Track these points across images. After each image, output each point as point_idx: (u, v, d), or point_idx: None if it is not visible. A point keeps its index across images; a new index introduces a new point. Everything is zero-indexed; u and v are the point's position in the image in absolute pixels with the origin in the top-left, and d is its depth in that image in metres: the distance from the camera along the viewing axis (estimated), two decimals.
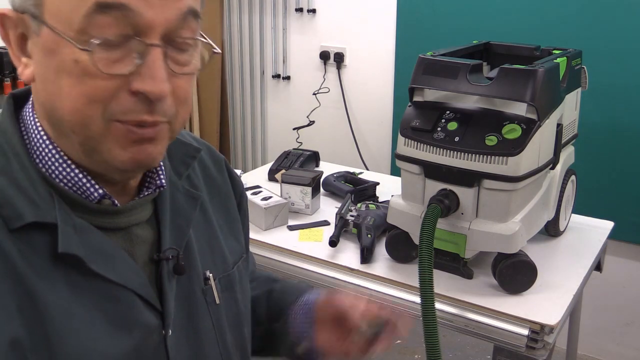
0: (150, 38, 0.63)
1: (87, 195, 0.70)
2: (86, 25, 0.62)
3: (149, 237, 0.77)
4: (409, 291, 1.39)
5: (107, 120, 0.65)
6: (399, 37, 2.75)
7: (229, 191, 0.93)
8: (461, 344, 2.59)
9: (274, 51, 3.13)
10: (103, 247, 0.70)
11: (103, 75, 0.63)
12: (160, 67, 0.64)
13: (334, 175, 1.95)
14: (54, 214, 0.67)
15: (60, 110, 0.65)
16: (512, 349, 1.28)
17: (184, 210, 0.81)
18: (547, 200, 1.48)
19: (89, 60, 0.62)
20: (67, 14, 0.62)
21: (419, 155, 1.35)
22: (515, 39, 1.75)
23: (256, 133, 3.34)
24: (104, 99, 0.64)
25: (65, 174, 0.70)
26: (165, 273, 0.76)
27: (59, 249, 0.66)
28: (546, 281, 1.39)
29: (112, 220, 0.73)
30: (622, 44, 2.23)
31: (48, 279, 0.65)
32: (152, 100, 0.64)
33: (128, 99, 0.64)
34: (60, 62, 0.64)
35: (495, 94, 1.31)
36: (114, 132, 0.65)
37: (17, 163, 0.68)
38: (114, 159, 0.67)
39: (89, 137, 0.66)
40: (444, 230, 1.36)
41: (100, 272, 0.68)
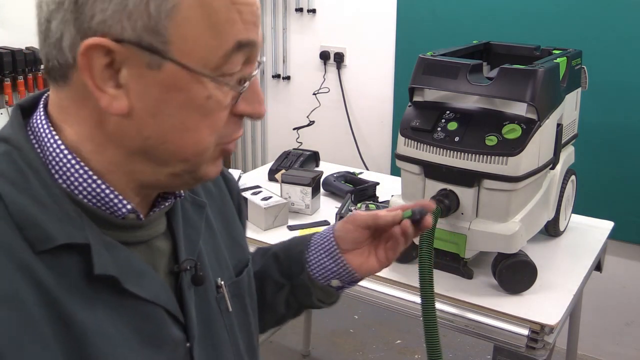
0: (255, 64, 0.68)
1: (113, 211, 0.68)
2: (223, 63, 0.64)
3: (167, 249, 0.76)
4: (409, 291, 1.39)
5: (218, 145, 0.68)
6: (399, 37, 2.75)
7: (224, 195, 0.92)
8: (461, 344, 2.59)
9: (274, 51, 3.13)
10: (132, 264, 0.68)
11: (226, 106, 0.66)
12: (260, 89, 0.70)
13: (334, 175, 1.95)
14: (84, 233, 0.64)
15: (179, 143, 0.65)
16: (512, 349, 1.28)
17: (193, 220, 0.80)
18: (547, 200, 1.48)
19: (222, 94, 0.65)
20: (203, 53, 0.62)
21: (419, 155, 1.35)
22: (515, 39, 1.76)
23: (256, 133, 3.34)
24: (221, 128, 0.67)
25: (91, 189, 0.66)
26: (185, 284, 0.75)
27: (96, 270, 0.63)
28: (546, 281, 1.39)
29: (135, 235, 0.71)
30: (622, 44, 2.23)
31: (83, 301, 0.63)
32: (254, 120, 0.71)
33: (234, 121, 0.68)
34: (189, 98, 0.63)
35: (495, 94, 1.31)
36: (217, 153, 0.70)
37: (37, 180, 0.64)
38: (207, 175, 0.71)
39: (199, 163, 0.68)
40: (444, 230, 1.36)
41: (133, 290, 0.67)
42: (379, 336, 2.72)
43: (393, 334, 2.72)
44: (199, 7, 0.61)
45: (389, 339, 2.69)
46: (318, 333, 2.69)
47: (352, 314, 2.83)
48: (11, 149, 0.65)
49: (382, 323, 2.78)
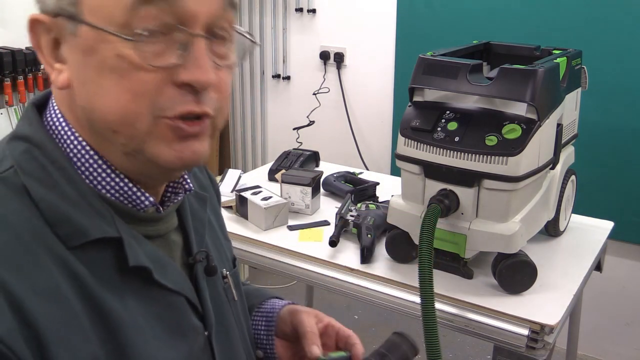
0: (194, 28, 0.62)
1: (136, 205, 0.69)
2: (129, 18, 0.60)
3: (180, 241, 0.77)
4: (409, 291, 1.39)
5: (155, 117, 0.63)
6: (399, 37, 2.75)
7: (211, 189, 0.94)
8: (461, 344, 2.59)
9: (274, 51, 3.14)
10: (156, 255, 0.70)
11: (148, 68, 0.61)
12: (204, 56, 0.63)
13: (334, 175, 1.95)
14: (114, 227, 0.65)
15: (102, 109, 0.63)
16: (512, 349, 1.28)
17: (198, 213, 0.82)
18: (547, 200, 1.48)
19: (135, 52, 0.60)
20: (108, 8, 0.60)
21: (419, 155, 1.35)
22: (515, 39, 1.75)
23: (256, 133, 3.34)
24: (150, 94, 0.62)
25: (114, 184, 0.67)
26: (200, 275, 0.77)
27: (130, 262, 0.65)
28: (546, 281, 1.39)
29: (154, 228, 0.72)
30: (622, 44, 2.23)
31: (116, 293, 0.64)
32: (198, 90, 0.63)
33: (174, 91, 0.63)
34: (102, 60, 0.62)
35: (495, 94, 1.31)
36: (161, 130, 0.64)
37: (62, 177, 0.65)
38: (159, 158, 0.65)
39: (134, 136, 0.63)
40: (444, 230, 1.36)
41: (162, 281, 0.69)
42: (379, 336, 2.71)
43: None
44: None
45: None
46: None
47: (352, 314, 2.83)
48: (32, 147, 0.66)
49: (382, 323, 2.78)
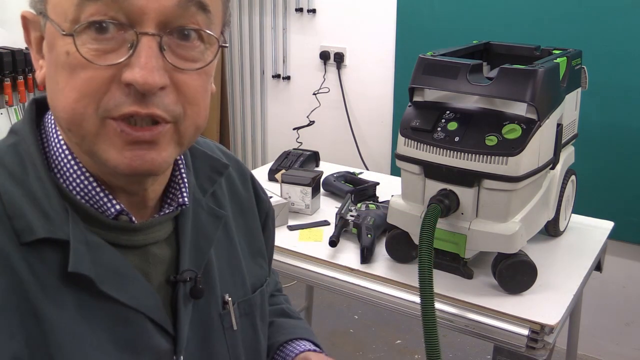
0: (143, 26, 0.60)
1: (104, 211, 0.68)
2: (78, 14, 0.59)
3: (167, 256, 0.73)
4: (409, 291, 1.39)
5: (101, 118, 0.61)
6: (399, 37, 2.75)
7: (253, 209, 0.89)
8: (461, 344, 2.59)
9: (274, 51, 3.14)
10: (116, 267, 0.67)
11: (94, 67, 0.60)
12: (150, 55, 0.60)
13: (334, 175, 1.95)
14: (67, 230, 0.64)
15: (57, 107, 0.63)
16: (512, 349, 1.28)
17: (207, 230, 0.77)
18: (547, 200, 1.48)
19: (81, 49, 0.59)
20: (62, 6, 0.60)
21: (419, 155, 1.35)
22: (515, 39, 1.76)
23: (256, 133, 3.34)
24: (96, 93, 0.60)
25: (83, 186, 0.67)
26: (181, 296, 0.73)
27: (69, 268, 0.63)
28: (546, 281, 1.39)
29: (128, 238, 0.69)
30: (622, 44, 2.23)
31: (55, 297, 0.63)
32: (141, 92, 0.60)
33: (120, 92, 0.61)
34: (56, 56, 0.62)
35: (495, 94, 1.31)
36: (108, 132, 0.62)
37: (33, 173, 0.65)
38: (109, 162, 0.63)
39: (84, 137, 0.63)
40: (444, 230, 1.36)
41: (111, 293, 0.65)
42: (379, 336, 2.72)
43: (393, 334, 2.72)
44: None
45: (389, 339, 2.69)
46: (318, 333, 2.68)
47: (352, 314, 2.83)
48: (19, 141, 0.68)
49: (382, 323, 2.78)
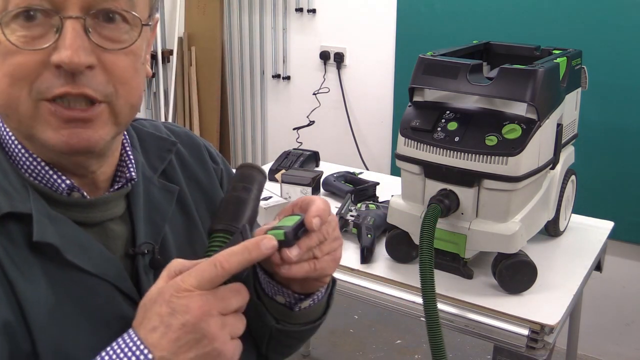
0: (67, 11, 0.63)
1: (56, 188, 0.71)
2: (5, 4, 0.63)
3: (124, 232, 0.76)
4: (409, 291, 1.39)
5: (35, 101, 0.65)
6: (399, 37, 2.75)
7: (212, 179, 0.91)
8: (461, 344, 2.59)
9: (274, 51, 3.14)
10: (79, 238, 0.70)
11: (24, 52, 0.63)
12: (74, 37, 0.63)
13: (334, 175, 1.95)
14: (29, 205, 0.67)
15: None
16: (512, 349, 1.28)
17: (160, 205, 0.81)
18: (547, 200, 1.48)
19: (9, 36, 0.63)
20: None
21: (419, 155, 1.35)
22: (515, 39, 1.76)
23: (256, 133, 3.34)
24: (27, 78, 0.64)
25: (33, 167, 0.70)
26: (141, 267, 0.75)
27: (34, 237, 0.66)
28: (546, 281, 1.39)
29: (85, 215, 0.73)
30: (622, 44, 2.23)
31: (25, 270, 0.65)
32: (70, 72, 0.63)
33: (51, 74, 0.64)
34: None
35: (495, 94, 1.31)
36: (43, 113, 0.65)
37: None
38: (48, 142, 0.66)
39: (20, 121, 0.66)
40: (444, 230, 1.36)
41: (76, 262, 0.68)
42: (379, 336, 2.72)
43: (393, 334, 2.72)
44: None
45: (389, 339, 2.69)
46: (318, 333, 2.66)
47: (352, 314, 2.83)
48: None
49: (382, 323, 2.78)
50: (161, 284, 0.64)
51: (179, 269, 0.64)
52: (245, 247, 0.63)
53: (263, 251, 0.64)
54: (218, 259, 0.62)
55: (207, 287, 0.61)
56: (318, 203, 0.73)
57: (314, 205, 0.72)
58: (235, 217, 0.73)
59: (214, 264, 0.62)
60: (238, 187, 0.77)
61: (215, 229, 0.73)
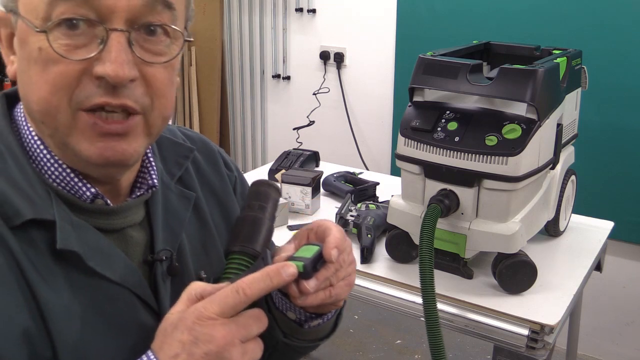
0: (113, 23, 0.63)
1: (80, 195, 0.71)
2: (50, 12, 0.63)
3: (143, 239, 0.76)
4: (409, 291, 1.39)
5: (74, 110, 0.65)
6: (399, 37, 2.75)
7: (225, 186, 0.91)
8: (461, 344, 2.59)
9: (274, 51, 3.13)
10: (100, 245, 0.70)
11: (66, 61, 0.63)
12: (120, 50, 0.63)
13: (334, 175, 1.95)
14: (52, 211, 0.67)
15: (30, 100, 0.66)
16: (512, 349, 1.28)
17: (177, 212, 0.81)
18: (547, 200, 1.48)
19: (54, 45, 0.63)
20: (34, 4, 0.63)
21: (419, 155, 1.35)
22: (515, 39, 1.76)
23: (256, 133, 3.34)
24: (68, 86, 0.64)
25: (58, 173, 0.70)
26: (159, 274, 0.75)
27: (58, 245, 0.65)
28: (546, 281, 1.39)
29: (107, 222, 0.72)
30: (622, 44, 2.23)
31: (48, 276, 0.65)
32: (112, 84, 0.64)
33: (92, 84, 0.64)
34: (29, 52, 0.65)
35: (495, 94, 1.31)
36: (81, 124, 0.65)
37: (13, 163, 0.68)
38: (82, 154, 0.67)
39: (57, 129, 0.66)
40: (444, 230, 1.36)
41: (98, 269, 0.68)
42: (379, 336, 2.72)
43: (393, 334, 2.72)
44: None
45: (389, 339, 2.69)
46: None
47: (352, 314, 2.83)
48: None
49: (382, 323, 2.78)
50: (181, 307, 0.63)
51: (199, 292, 0.64)
52: (267, 274, 0.64)
53: (284, 278, 0.65)
54: (241, 286, 0.62)
55: (230, 314, 0.61)
56: (335, 232, 0.73)
57: (331, 236, 0.73)
58: (252, 238, 0.73)
59: (236, 291, 0.62)
60: (254, 205, 0.77)
61: (232, 250, 0.73)
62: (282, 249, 0.77)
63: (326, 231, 0.74)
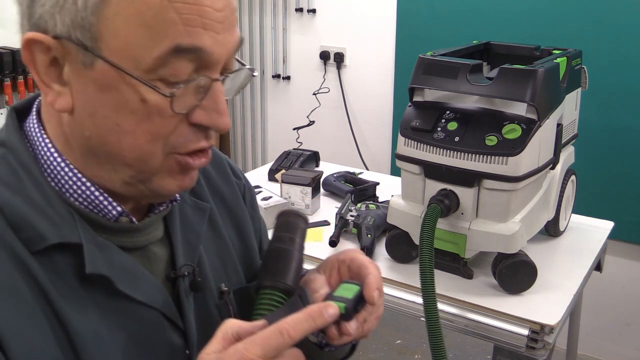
0: (214, 73, 0.63)
1: (105, 214, 0.68)
2: (158, 66, 0.59)
3: (164, 255, 0.74)
4: (409, 291, 1.39)
5: (166, 154, 0.64)
6: (399, 37, 2.75)
7: (235, 195, 0.89)
8: (461, 344, 2.59)
9: (274, 51, 3.14)
10: (126, 266, 0.67)
11: (171, 114, 0.61)
12: (222, 100, 0.64)
13: (334, 175, 1.95)
14: (77, 233, 0.64)
15: (116, 146, 0.63)
16: (512, 349, 1.28)
17: (193, 225, 0.78)
18: (547, 200, 1.48)
19: (165, 103, 0.60)
20: (136, 53, 0.59)
21: (419, 155, 1.35)
22: (515, 39, 1.75)
23: (256, 133, 3.34)
24: (167, 135, 0.63)
25: (81, 192, 0.66)
26: (182, 290, 0.73)
27: (87, 269, 0.63)
28: (546, 281, 1.39)
29: (131, 240, 0.70)
30: (622, 44, 2.23)
31: (75, 301, 0.63)
32: (216, 131, 0.65)
33: (187, 130, 0.63)
34: (122, 100, 0.60)
35: (495, 94, 1.31)
36: (170, 165, 0.65)
37: (30, 181, 0.64)
38: (163, 189, 0.66)
39: (145, 171, 0.64)
40: (444, 230, 1.36)
41: (127, 292, 0.66)
42: (379, 336, 2.72)
43: (393, 334, 2.72)
44: (131, 2, 0.57)
45: (389, 339, 2.69)
46: None
47: None
48: (7, 152, 0.66)
49: (382, 323, 2.76)
50: (217, 347, 0.60)
51: (235, 332, 0.61)
52: (310, 315, 0.61)
53: (327, 319, 0.62)
54: (285, 328, 0.59)
55: (272, 355, 0.59)
56: (374, 271, 0.72)
57: (371, 276, 0.71)
58: (283, 273, 0.72)
59: (280, 333, 0.59)
60: (284, 237, 0.76)
61: (264, 284, 0.72)
62: (313, 280, 0.75)
63: (362, 269, 0.72)
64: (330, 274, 0.76)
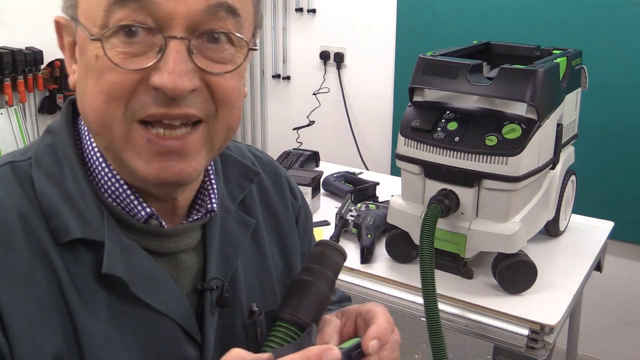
0: (172, 31, 0.60)
1: (135, 214, 0.67)
2: (107, 19, 0.60)
3: (195, 264, 0.72)
4: (409, 291, 1.39)
5: (129, 121, 0.61)
6: (399, 37, 2.75)
7: (287, 215, 0.86)
8: (461, 344, 2.59)
9: (274, 51, 3.14)
10: (149, 271, 0.66)
11: (121, 70, 0.60)
12: (178, 59, 0.60)
13: (334, 175, 1.95)
14: (102, 231, 0.64)
15: (86, 110, 0.63)
16: (512, 349, 1.28)
17: (234, 238, 0.76)
18: (547, 200, 1.48)
19: (109, 53, 0.60)
20: (92, 11, 0.61)
21: (419, 155, 1.35)
22: (515, 39, 1.75)
23: (256, 133, 3.34)
24: (124, 97, 0.61)
25: (114, 189, 0.67)
26: (207, 305, 0.71)
27: (103, 269, 0.63)
28: (546, 281, 1.39)
29: (159, 244, 0.69)
30: (622, 44, 2.23)
31: (89, 300, 0.63)
32: (170, 96, 0.60)
33: (148, 93, 0.61)
34: (86, 60, 0.62)
35: (495, 94, 1.31)
36: (135, 139, 0.62)
37: (70, 174, 0.65)
38: (137, 172, 0.63)
39: (112, 141, 0.63)
40: (444, 230, 1.36)
41: (143, 297, 0.65)
42: None
43: None
44: None
45: None
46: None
47: None
48: (56, 141, 0.68)
49: None
50: None
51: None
52: (308, 357, 0.59)
53: None
54: None
55: None
56: (380, 322, 0.68)
57: (374, 326, 0.67)
58: (305, 308, 0.69)
59: None
60: (315, 270, 0.72)
61: (282, 316, 0.69)
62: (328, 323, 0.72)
63: (372, 319, 0.69)
64: (345, 322, 0.73)
